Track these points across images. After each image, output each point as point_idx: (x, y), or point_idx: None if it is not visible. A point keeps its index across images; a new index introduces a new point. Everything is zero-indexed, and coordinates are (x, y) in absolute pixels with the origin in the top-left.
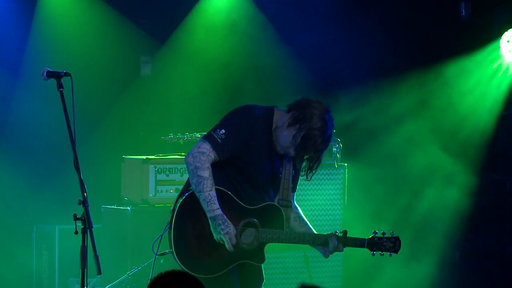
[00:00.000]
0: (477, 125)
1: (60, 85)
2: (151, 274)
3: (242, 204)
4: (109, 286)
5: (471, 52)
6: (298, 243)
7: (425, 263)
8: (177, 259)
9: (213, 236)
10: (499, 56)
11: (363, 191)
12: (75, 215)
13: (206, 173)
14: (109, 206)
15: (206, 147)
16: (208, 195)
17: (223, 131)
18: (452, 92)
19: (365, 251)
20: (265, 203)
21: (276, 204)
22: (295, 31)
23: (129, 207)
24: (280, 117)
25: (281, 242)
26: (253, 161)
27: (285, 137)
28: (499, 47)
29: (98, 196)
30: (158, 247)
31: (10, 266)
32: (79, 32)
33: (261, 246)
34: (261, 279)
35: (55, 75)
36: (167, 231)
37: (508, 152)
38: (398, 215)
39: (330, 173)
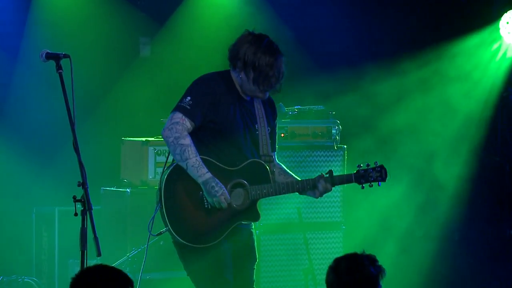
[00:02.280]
0: (477, 107)
1: (59, 67)
2: (145, 255)
3: (225, 167)
4: None
5: (470, 33)
6: (288, 193)
7: (423, 244)
8: (174, 235)
9: (204, 204)
10: (498, 38)
11: None
12: (74, 197)
13: (187, 140)
14: (108, 188)
15: (178, 116)
16: (196, 160)
17: (189, 98)
18: (451, 74)
19: (366, 230)
20: (247, 161)
21: (259, 159)
22: (297, 12)
23: (128, 189)
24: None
25: (272, 195)
26: (226, 121)
27: (246, 84)
28: (499, 29)
29: (97, 178)
30: (151, 229)
31: (10, 248)
32: (78, 14)
33: (253, 204)
34: (254, 259)
35: (54, 57)
36: (159, 211)
37: (508, 134)
38: (399, 198)
39: (329, 154)
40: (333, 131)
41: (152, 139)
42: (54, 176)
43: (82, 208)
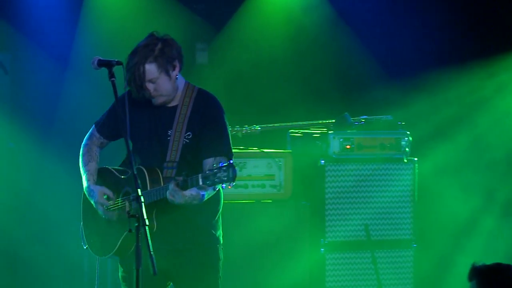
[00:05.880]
0: None
1: (111, 75)
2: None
3: (118, 175)
4: None
5: None
6: (157, 199)
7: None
8: (90, 250)
9: (102, 217)
10: None
11: (435, 187)
12: (128, 212)
13: (82, 150)
14: None
15: (92, 126)
16: (82, 170)
17: (104, 112)
18: None
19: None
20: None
21: (140, 166)
22: (357, 18)
23: None
24: None
25: (148, 201)
26: (136, 134)
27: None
28: None
29: None
30: (84, 240)
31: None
32: (131, 19)
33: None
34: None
35: (106, 64)
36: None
37: None
38: (476, 212)
39: (398, 168)
40: (402, 142)
41: None
42: None
43: (137, 224)
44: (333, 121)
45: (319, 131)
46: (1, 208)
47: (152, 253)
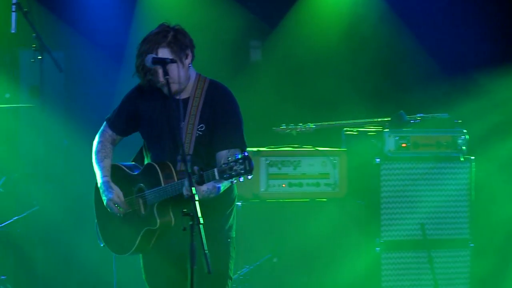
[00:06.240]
0: None
1: (166, 73)
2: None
3: (130, 172)
4: None
5: None
6: (177, 193)
7: None
8: (108, 248)
9: (117, 215)
10: None
11: (492, 186)
12: (183, 211)
13: (95, 147)
14: None
15: (104, 123)
16: (96, 166)
17: (116, 107)
18: None
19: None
20: (144, 166)
21: (152, 162)
22: (412, 14)
23: (239, 202)
24: None
25: (164, 197)
26: (148, 128)
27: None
28: None
29: None
30: (99, 237)
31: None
32: (184, 17)
33: (151, 209)
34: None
35: (161, 62)
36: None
37: None
38: None
39: (455, 166)
40: (459, 141)
41: (264, 149)
42: None
43: (191, 222)
44: (389, 119)
45: (375, 129)
46: (56, 206)
47: (206, 251)
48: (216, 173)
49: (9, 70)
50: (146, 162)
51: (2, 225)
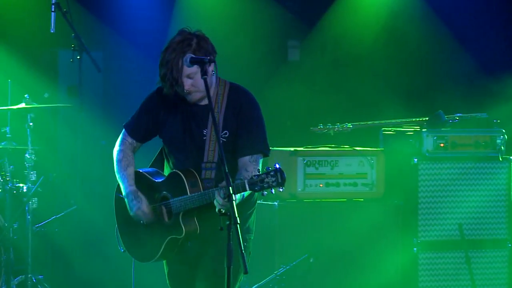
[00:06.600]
0: None
1: (204, 72)
2: None
3: (154, 180)
4: (255, 286)
5: None
6: (204, 203)
7: None
8: (130, 254)
9: (140, 222)
10: None
11: None
12: (220, 211)
13: (117, 156)
14: None
15: (122, 131)
16: (121, 175)
17: (134, 114)
18: None
19: None
20: (168, 173)
21: (176, 170)
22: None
23: (276, 202)
24: None
25: (190, 206)
26: (169, 134)
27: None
28: None
29: None
30: (120, 243)
31: None
32: (223, 17)
33: (177, 218)
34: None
35: (199, 62)
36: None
37: None
38: None
39: (493, 166)
40: (497, 140)
41: (301, 149)
42: None
43: (228, 222)
44: (427, 119)
45: (412, 129)
46: (94, 206)
47: (243, 251)
48: (246, 185)
49: (48, 70)
50: (166, 166)
51: (40, 224)
